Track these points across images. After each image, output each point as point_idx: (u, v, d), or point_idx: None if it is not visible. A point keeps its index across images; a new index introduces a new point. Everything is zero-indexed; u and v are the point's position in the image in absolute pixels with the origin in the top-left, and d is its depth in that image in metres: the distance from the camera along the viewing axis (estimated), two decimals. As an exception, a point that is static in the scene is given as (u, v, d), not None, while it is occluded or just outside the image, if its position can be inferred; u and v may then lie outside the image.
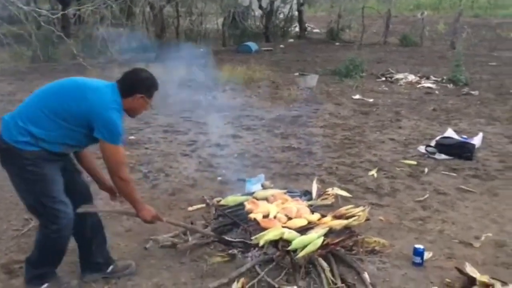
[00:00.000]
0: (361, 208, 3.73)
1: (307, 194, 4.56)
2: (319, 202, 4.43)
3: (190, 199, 4.58)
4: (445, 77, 11.52)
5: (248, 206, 3.82)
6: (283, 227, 3.48)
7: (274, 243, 3.32)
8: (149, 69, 3.16)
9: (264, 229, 3.47)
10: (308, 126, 7.42)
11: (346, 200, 4.59)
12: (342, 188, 4.84)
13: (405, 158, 5.95)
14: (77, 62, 13.91)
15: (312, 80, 10.78)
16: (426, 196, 4.76)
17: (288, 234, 3.28)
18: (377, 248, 3.68)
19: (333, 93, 10.05)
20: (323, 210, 4.26)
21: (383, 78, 11.70)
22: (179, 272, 3.34)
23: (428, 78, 11.69)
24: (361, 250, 3.50)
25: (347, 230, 3.53)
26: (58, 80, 2.91)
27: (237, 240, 3.53)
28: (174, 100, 9.13)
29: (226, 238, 3.56)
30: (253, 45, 16.75)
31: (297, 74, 11.19)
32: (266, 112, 8.29)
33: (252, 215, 3.68)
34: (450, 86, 10.88)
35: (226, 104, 9.05)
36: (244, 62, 13.31)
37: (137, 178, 5.06)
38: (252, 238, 3.30)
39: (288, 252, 3.21)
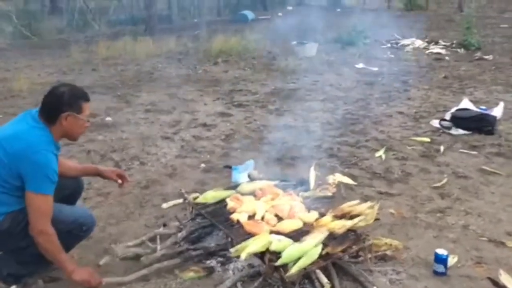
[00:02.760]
0: (368, 204, 3.02)
1: (303, 183, 3.85)
2: (318, 193, 3.71)
3: (166, 193, 3.89)
4: (455, 42, 10.70)
5: (230, 203, 3.13)
6: (272, 231, 2.80)
7: (260, 255, 2.63)
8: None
9: (249, 233, 2.79)
10: (306, 100, 6.67)
11: (349, 189, 3.90)
12: (345, 174, 4.12)
13: (416, 135, 5.23)
14: (62, 37, 13.13)
15: (311, 49, 9.97)
16: (444, 181, 4.05)
17: (276, 244, 2.59)
18: (388, 252, 3.00)
19: (335, 62, 9.26)
20: (322, 203, 3.57)
21: (388, 45, 10.90)
22: (142, 294, 2.67)
23: (436, 43, 10.87)
24: (369, 257, 2.81)
25: (352, 233, 2.83)
26: None
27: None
28: (160, 75, 8.40)
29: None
30: (249, 14, 15.89)
31: (295, 43, 10.36)
32: (261, 86, 7.53)
33: (234, 216, 2.99)
34: (461, 51, 10.07)
35: (217, 77, 8.30)
36: (239, 32, 12.48)
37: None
38: (231, 250, 2.62)
39: (276, 268, 2.53)
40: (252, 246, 2.57)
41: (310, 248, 2.60)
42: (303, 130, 5.39)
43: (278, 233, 2.79)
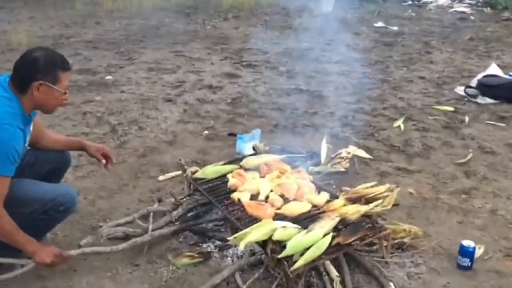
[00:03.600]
0: (386, 187, 2.67)
1: (314, 156, 3.51)
2: (329, 168, 3.39)
3: (165, 163, 3.57)
4: (480, 0, 10.02)
5: (232, 180, 2.81)
6: (277, 215, 2.48)
7: (262, 243, 2.33)
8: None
9: (250, 216, 2.49)
10: (320, 61, 6.22)
11: (364, 164, 3.56)
12: (359, 146, 3.78)
13: (439, 103, 4.82)
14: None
15: (327, 5, 9.37)
16: (469, 157, 3.68)
17: (280, 233, 2.27)
18: (406, 240, 2.68)
19: (351, 20, 8.71)
20: (334, 180, 3.25)
21: (410, 2, 10.24)
22: (128, 283, 2.39)
23: (461, 1, 10.21)
24: (385, 246, 2.49)
25: (367, 219, 2.50)
26: None
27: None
28: (166, 31, 7.96)
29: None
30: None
31: (310, -2, 9.77)
32: (272, 45, 7.07)
33: (236, 195, 2.67)
34: (488, 10, 9.45)
35: (226, 34, 7.84)
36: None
37: (102, 133, 4.05)
38: (229, 238, 2.31)
39: (280, 260, 2.22)
40: (253, 234, 2.25)
41: (319, 239, 2.28)
42: (316, 95, 5.00)
43: (283, 216, 2.48)
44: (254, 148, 3.25)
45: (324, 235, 2.30)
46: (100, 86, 5.27)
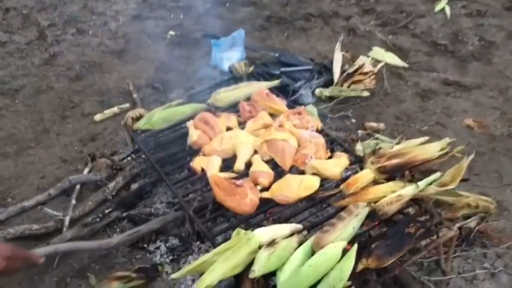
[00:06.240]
0: (442, 143, 1.58)
1: (322, 70, 2.39)
2: (347, 91, 2.28)
3: (107, 90, 2.50)
4: None
5: (193, 133, 1.76)
6: (262, 201, 1.49)
7: (235, 280, 1.33)
8: None
9: (220, 205, 1.50)
10: None
11: (397, 77, 2.45)
12: (388, 46, 2.64)
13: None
14: None
15: None
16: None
17: (263, 262, 1.27)
18: (472, 224, 1.67)
19: None
20: (354, 108, 2.17)
21: None
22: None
23: None
24: (446, 255, 1.50)
25: (417, 207, 1.48)
26: None
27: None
28: None
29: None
30: None
31: None
32: None
33: (198, 162, 1.65)
34: None
35: None
36: None
37: (25, 42, 2.90)
38: (172, 276, 1.31)
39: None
40: (216, 271, 1.26)
41: (333, 264, 1.28)
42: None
43: (273, 204, 1.48)
44: (231, 70, 2.11)
45: (344, 253, 1.30)
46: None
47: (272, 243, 1.31)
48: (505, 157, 1.96)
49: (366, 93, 2.26)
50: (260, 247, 1.32)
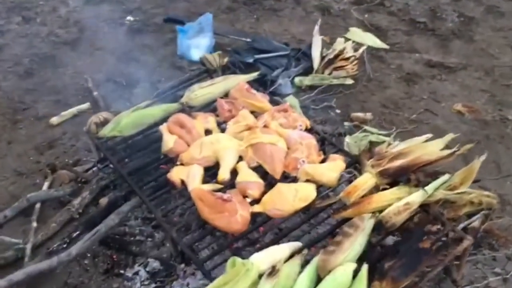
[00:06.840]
0: (450, 137, 1.45)
1: (301, 57, 2.21)
2: (327, 79, 2.11)
3: (63, 87, 2.25)
4: None
5: (168, 139, 1.56)
6: (254, 215, 1.32)
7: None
8: None
9: (205, 222, 1.33)
10: None
11: (378, 60, 2.30)
12: (365, 26, 2.49)
13: None
14: None
15: None
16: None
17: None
18: (476, 223, 1.54)
19: None
20: (337, 97, 2.01)
21: None
22: None
23: None
24: (458, 267, 1.37)
25: (426, 215, 1.35)
26: None
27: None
28: None
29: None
30: None
31: None
32: None
33: (175, 173, 1.46)
34: None
35: None
36: None
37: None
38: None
39: None
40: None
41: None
42: None
43: (266, 219, 1.31)
44: (202, 62, 1.89)
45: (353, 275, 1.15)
46: None
47: (273, 271, 1.15)
48: (500, 144, 1.86)
49: (350, 81, 2.10)
50: (260, 276, 1.16)
